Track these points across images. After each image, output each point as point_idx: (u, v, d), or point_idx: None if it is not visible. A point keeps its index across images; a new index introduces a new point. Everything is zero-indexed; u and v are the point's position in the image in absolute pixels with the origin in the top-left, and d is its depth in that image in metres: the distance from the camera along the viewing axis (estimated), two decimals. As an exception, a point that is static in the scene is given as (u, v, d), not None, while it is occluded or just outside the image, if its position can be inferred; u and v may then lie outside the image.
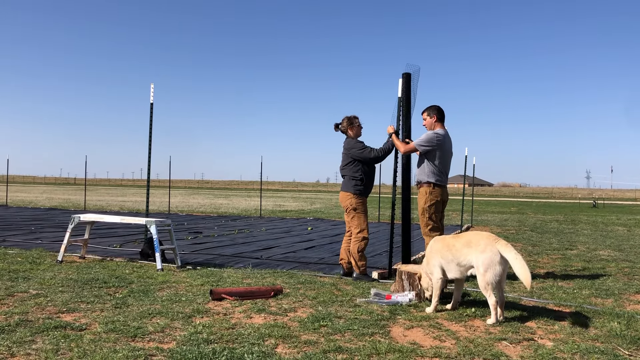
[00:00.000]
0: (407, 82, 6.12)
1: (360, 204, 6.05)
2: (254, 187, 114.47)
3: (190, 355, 3.17)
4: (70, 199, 29.74)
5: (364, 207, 6.09)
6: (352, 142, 6.17)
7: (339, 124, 6.35)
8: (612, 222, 18.93)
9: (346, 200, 6.08)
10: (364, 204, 6.09)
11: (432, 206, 5.67)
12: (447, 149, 5.79)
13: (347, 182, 6.12)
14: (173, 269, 6.27)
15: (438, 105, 5.89)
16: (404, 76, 6.13)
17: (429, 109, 5.90)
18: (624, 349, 3.55)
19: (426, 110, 5.92)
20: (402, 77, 6.14)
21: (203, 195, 47.97)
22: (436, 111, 5.85)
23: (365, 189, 6.10)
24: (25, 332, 3.55)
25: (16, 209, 18.81)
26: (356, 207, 6.03)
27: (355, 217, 6.03)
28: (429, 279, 4.68)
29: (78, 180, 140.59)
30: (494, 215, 22.18)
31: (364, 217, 6.06)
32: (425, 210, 5.68)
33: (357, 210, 6.03)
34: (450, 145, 5.88)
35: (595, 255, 8.81)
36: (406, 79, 6.12)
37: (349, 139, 6.23)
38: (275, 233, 11.75)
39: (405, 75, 6.13)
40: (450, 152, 5.89)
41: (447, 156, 5.80)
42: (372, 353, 3.34)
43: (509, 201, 53.05)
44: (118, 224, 12.62)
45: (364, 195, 6.09)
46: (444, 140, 5.73)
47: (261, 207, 20.81)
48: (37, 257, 6.83)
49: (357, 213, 6.03)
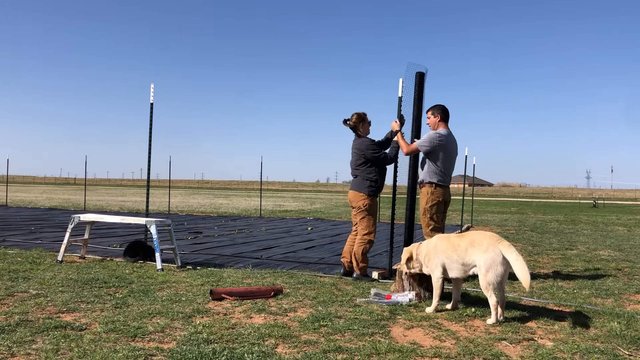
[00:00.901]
0: (420, 81, 6.03)
1: (371, 205, 6.00)
2: (254, 187, 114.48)
3: (190, 355, 3.17)
4: (70, 199, 29.75)
5: (374, 208, 6.04)
6: (366, 143, 6.05)
7: (348, 120, 6.23)
8: (612, 222, 18.93)
9: (358, 201, 6.02)
10: (374, 205, 6.05)
11: (433, 206, 5.65)
12: (450, 150, 5.74)
13: (361, 183, 6.04)
14: (173, 269, 6.27)
15: (443, 105, 5.85)
16: (417, 75, 6.05)
17: (434, 108, 5.86)
18: (624, 349, 3.55)
19: (431, 109, 5.88)
20: (415, 77, 6.04)
21: (203, 195, 47.97)
22: (440, 110, 5.81)
23: (377, 190, 6.07)
24: (26, 332, 3.55)
25: (16, 209, 18.82)
26: (368, 208, 5.98)
27: (365, 218, 5.98)
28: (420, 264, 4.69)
29: (78, 180, 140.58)
30: (494, 215, 22.18)
31: (373, 220, 6.02)
32: (426, 211, 5.67)
33: (368, 211, 5.99)
34: (454, 146, 5.83)
35: (595, 255, 8.81)
36: (419, 79, 6.03)
37: (362, 139, 6.11)
38: (275, 233, 11.75)
39: (419, 75, 6.04)
40: (454, 152, 5.84)
41: (450, 157, 5.75)
42: (372, 353, 3.34)
43: (509, 201, 53.05)
44: (118, 224, 12.63)
45: (375, 196, 6.06)
46: (447, 141, 5.68)
47: (261, 207, 20.81)
48: (37, 257, 6.83)
49: (368, 215, 5.99)
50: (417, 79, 6.05)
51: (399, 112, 6.13)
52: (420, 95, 6.06)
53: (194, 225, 13.34)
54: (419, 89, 6.06)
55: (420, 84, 6.05)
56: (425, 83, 6.10)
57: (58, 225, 12.19)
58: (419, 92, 6.06)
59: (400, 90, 6.14)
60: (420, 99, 6.06)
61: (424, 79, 6.07)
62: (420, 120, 6.08)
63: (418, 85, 6.06)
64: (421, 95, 6.07)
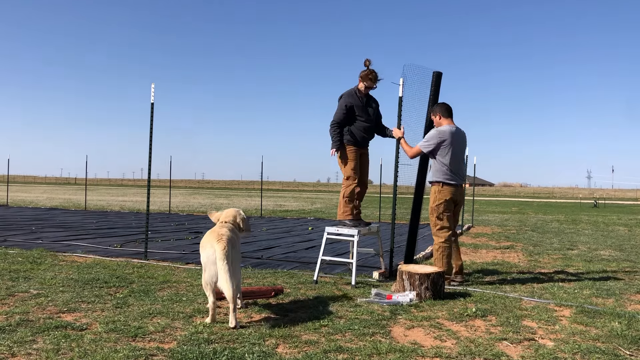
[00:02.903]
0: (436, 82, 6.08)
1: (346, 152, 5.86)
2: (255, 187, 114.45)
3: (191, 355, 3.17)
4: (71, 198, 29.76)
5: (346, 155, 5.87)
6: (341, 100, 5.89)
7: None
8: (613, 222, 18.92)
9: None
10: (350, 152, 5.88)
11: (440, 205, 5.63)
12: (456, 146, 5.69)
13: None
14: (173, 269, 6.27)
15: (442, 102, 5.87)
16: (434, 75, 6.10)
17: (433, 107, 5.91)
18: (625, 349, 3.55)
19: (431, 110, 5.94)
20: (432, 76, 6.11)
21: (204, 195, 47.98)
22: (439, 108, 5.82)
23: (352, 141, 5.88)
24: (26, 331, 3.55)
25: (17, 208, 18.82)
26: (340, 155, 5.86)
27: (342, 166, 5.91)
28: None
29: (79, 180, 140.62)
30: (495, 215, 22.18)
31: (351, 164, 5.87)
32: (433, 210, 5.67)
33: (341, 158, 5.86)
34: (460, 141, 5.77)
35: (596, 255, 8.80)
36: (436, 79, 6.08)
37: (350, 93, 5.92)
38: (275, 233, 11.75)
39: (435, 74, 6.08)
40: (460, 148, 5.78)
41: (455, 153, 5.69)
42: (373, 353, 3.34)
43: (510, 201, 53.02)
44: (118, 224, 12.64)
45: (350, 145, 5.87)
46: (449, 136, 5.63)
47: (262, 207, 20.81)
48: (38, 257, 6.83)
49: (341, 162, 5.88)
50: (434, 79, 6.11)
51: (399, 113, 6.13)
52: (436, 97, 6.10)
53: (194, 225, 13.34)
54: (435, 89, 6.10)
55: (437, 85, 6.11)
56: (423, 82, 6.13)
57: (59, 225, 12.19)
58: (434, 94, 6.10)
59: (401, 90, 6.14)
60: (436, 99, 6.10)
61: (440, 79, 6.12)
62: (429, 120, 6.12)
63: (434, 85, 6.10)
64: (437, 96, 6.11)
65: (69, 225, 12.10)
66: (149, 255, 7.17)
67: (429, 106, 6.10)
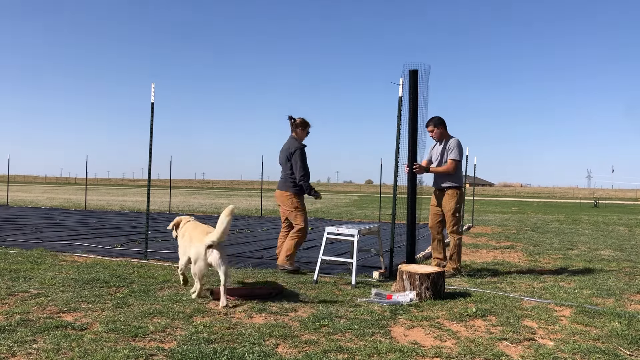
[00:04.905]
0: (413, 79, 5.97)
1: (300, 203, 6.39)
2: (255, 186, 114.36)
3: (191, 355, 3.17)
4: (71, 198, 29.77)
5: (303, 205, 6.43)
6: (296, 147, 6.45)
7: (294, 118, 6.60)
8: (613, 222, 18.92)
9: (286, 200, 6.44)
10: (302, 202, 6.45)
11: (459, 207, 6.31)
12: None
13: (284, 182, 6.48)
14: (173, 269, 6.27)
15: (438, 116, 6.37)
16: (410, 73, 5.97)
17: (432, 122, 6.33)
18: (625, 349, 3.55)
19: (431, 123, 6.34)
20: (409, 75, 5.98)
21: (204, 195, 47.99)
22: (440, 122, 6.35)
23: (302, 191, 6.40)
24: (26, 331, 3.55)
25: (17, 208, 18.83)
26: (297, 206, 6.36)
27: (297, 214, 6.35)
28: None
29: (79, 180, 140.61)
30: (495, 215, 22.18)
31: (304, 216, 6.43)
32: (455, 211, 6.25)
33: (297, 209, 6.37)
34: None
35: (596, 255, 8.80)
36: (413, 77, 5.96)
37: (296, 141, 6.52)
38: (276, 233, 11.74)
39: (412, 72, 5.97)
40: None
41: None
42: (373, 353, 3.34)
43: (510, 201, 53.01)
44: (118, 224, 12.64)
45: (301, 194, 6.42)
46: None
47: (262, 207, 20.82)
48: (38, 257, 6.83)
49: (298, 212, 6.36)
50: (411, 77, 5.97)
51: (399, 113, 6.10)
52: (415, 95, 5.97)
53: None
54: (413, 86, 5.98)
55: (414, 83, 5.97)
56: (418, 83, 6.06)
57: (59, 225, 12.20)
58: (413, 92, 5.98)
59: (401, 90, 6.13)
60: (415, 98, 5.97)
61: (417, 76, 5.96)
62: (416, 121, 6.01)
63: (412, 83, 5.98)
64: (416, 94, 5.98)
65: (69, 225, 12.11)
66: (149, 255, 7.18)
67: (410, 105, 6.01)
